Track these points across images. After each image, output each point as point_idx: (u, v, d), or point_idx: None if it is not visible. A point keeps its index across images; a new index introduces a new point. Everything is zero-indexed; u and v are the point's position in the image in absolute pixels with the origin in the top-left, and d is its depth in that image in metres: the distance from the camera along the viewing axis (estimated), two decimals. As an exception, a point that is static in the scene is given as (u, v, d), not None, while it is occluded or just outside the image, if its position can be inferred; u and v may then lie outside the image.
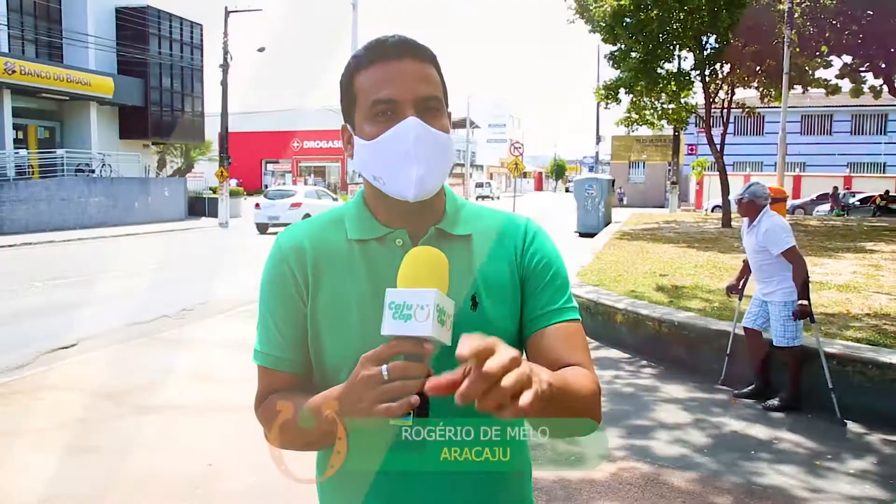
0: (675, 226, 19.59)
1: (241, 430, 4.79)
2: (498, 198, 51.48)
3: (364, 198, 1.24)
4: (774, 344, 5.16)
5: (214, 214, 27.53)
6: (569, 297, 1.25)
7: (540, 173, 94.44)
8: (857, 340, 5.52)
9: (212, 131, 35.00)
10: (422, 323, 0.98)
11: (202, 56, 32.59)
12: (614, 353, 6.80)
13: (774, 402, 5.13)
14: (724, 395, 5.47)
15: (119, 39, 27.85)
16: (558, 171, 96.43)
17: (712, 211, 30.30)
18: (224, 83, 26.89)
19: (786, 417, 4.96)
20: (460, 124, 46.25)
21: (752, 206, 5.27)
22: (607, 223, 21.21)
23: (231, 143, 28.73)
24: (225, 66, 26.55)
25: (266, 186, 55.44)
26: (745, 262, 5.56)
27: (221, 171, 26.31)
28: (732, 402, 5.31)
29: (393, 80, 1.13)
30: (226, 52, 26.47)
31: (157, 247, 18.08)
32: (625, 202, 42.42)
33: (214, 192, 30.85)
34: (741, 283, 5.64)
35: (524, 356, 1.20)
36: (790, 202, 32.82)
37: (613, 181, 24.76)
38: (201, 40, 32.40)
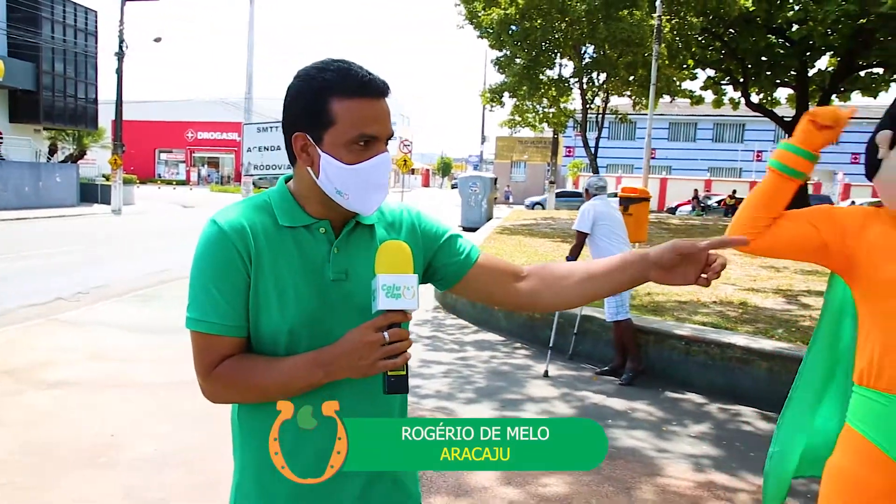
0: (551, 222, 20.52)
1: (139, 404, 4.89)
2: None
3: (290, 191, 1.41)
4: (606, 320, 5.83)
5: (107, 201, 26.84)
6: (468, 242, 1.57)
7: (427, 170, 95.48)
8: (703, 324, 6.20)
9: (105, 119, 34.32)
10: (408, 300, 1.27)
11: (97, 43, 32.06)
12: (492, 337, 7.24)
13: (625, 377, 5.73)
14: (588, 373, 6.00)
15: (9, 22, 26.55)
16: (445, 168, 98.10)
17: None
18: (119, 71, 25.98)
19: (640, 391, 5.52)
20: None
21: (586, 195, 6.09)
22: (489, 218, 21.92)
23: (125, 132, 28.30)
24: (120, 55, 25.70)
25: (159, 176, 53.79)
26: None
27: (115, 159, 25.45)
28: (595, 379, 5.84)
29: (377, 119, 1.33)
30: (121, 41, 25.59)
31: (49, 231, 17.26)
32: (511, 200, 43.59)
33: (107, 179, 29.80)
34: None
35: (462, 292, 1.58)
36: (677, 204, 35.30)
37: (496, 179, 25.56)
38: (96, 27, 31.90)
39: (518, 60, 20.05)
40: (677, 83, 22.51)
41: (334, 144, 1.32)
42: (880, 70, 18.53)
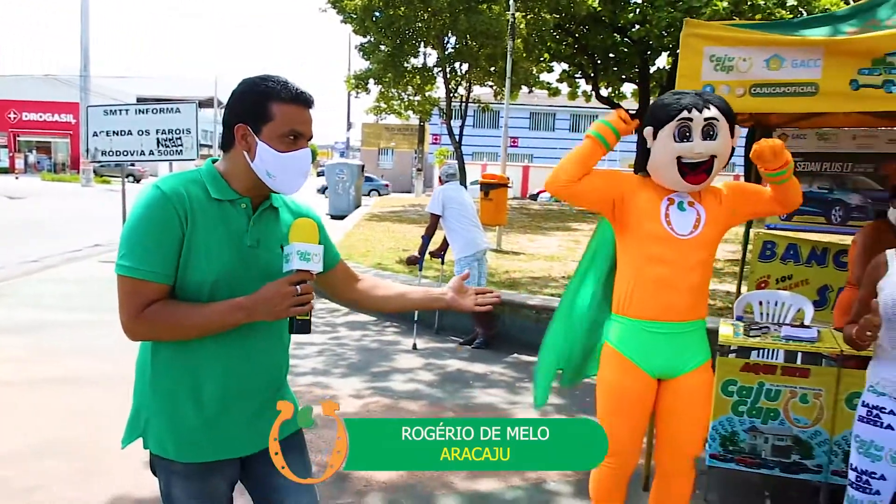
0: (419, 208, 21.14)
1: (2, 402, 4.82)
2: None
3: (219, 171, 1.78)
4: None
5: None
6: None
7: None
8: (553, 295, 6.95)
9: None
10: (315, 263, 1.68)
11: None
12: (362, 317, 7.67)
13: (477, 342, 6.42)
14: (453, 344, 6.59)
15: None
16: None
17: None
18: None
19: (498, 356, 6.16)
20: (207, 104, 44.32)
21: (440, 181, 6.68)
22: (357, 206, 22.18)
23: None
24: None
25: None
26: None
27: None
28: (459, 349, 6.44)
29: (304, 122, 1.75)
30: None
31: None
32: (390, 190, 42.87)
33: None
34: (421, 253, 6.78)
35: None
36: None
37: (363, 167, 25.81)
38: None
39: (383, 48, 20.36)
40: (536, 75, 23.73)
41: (270, 136, 1.72)
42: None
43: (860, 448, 2.50)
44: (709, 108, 2.36)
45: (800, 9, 16.88)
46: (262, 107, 1.71)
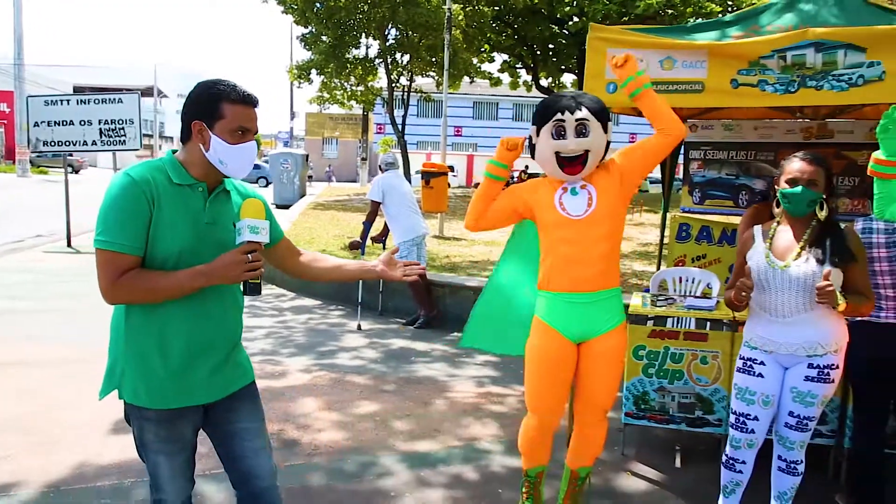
0: (363, 198, 21.37)
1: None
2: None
3: (178, 160, 2.10)
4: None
5: None
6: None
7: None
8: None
9: None
10: (263, 236, 2.02)
11: None
12: (308, 301, 7.97)
13: (419, 322, 6.79)
14: (396, 325, 6.94)
15: None
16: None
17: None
18: None
19: (438, 334, 6.55)
20: (148, 93, 43.33)
21: (380, 170, 6.99)
22: (302, 195, 22.26)
23: None
24: None
25: None
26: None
27: None
28: (402, 329, 6.79)
29: (250, 119, 2.08)
30: None
31: None
32: (334, 181, 42.58)
33: None
34: (363, 238, 7.12)
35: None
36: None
37: (307, 156, 25.84)
38: None
39: (324, 38, 20.47)
40: (477, 65, 24.15)
41: (222, 131, 2.05)
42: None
43: (738, 394, 2.95)
44: (580, 110, 2.73)
45: (728, 2, 17.72)
46: (215, 106, 2.05)
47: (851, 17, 3.67)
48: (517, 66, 24.78)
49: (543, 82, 22.87)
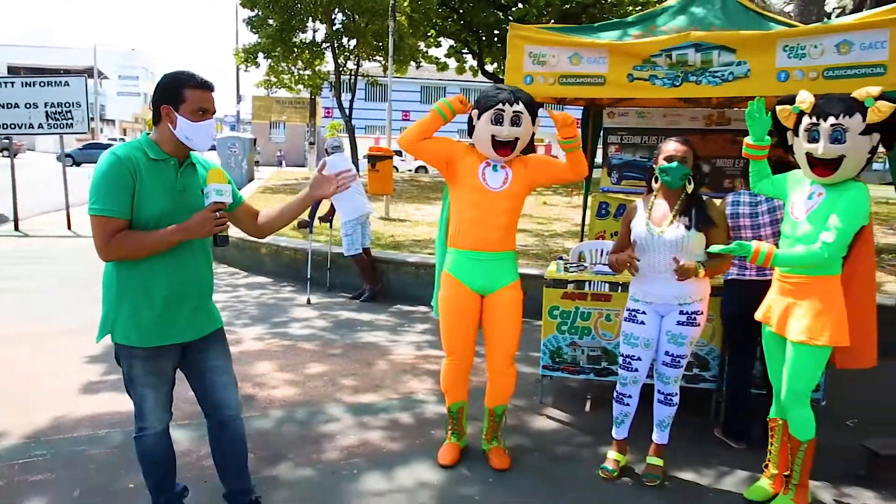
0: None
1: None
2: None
3: (152, 139, 2.55)
4: (345, 255, 7.26)
5: None
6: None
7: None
8: (430, 254, 7.88)
9: None
10: (227, 197, 2.51)
11: None
12: (260, 279, 8.37)
13: (364, 296, 7.29)
14: (343, 299, 7.41)
15: None
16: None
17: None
18: None
19: (382, 307, 7.05)
20: (87, 74, 42.32)
21: (326, 153, 7.43)
22: (251, 179, 22.35)
23: None
24: None
25: None
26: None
27: None
28: (348, 303, 7.27)
29: (208, 101, 2.52)
30: None
31: None
32: (284, 166, 42.30)
33: None
34: (311, 217, 7.55)
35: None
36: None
37: (255, 140, 25.84)
38: None
39: (271, 22, 20.51)
40: (424, 50, 24.47)
41: (185, 112, 2.51)
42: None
43: (625, 340, 3.54)
44: (517, 104, 3.31)
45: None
46: (179, 92, 2.51)
47: (733, 20, 4.29)
48: (463, 51, 25.21)
49: (489, 67, 23.37)
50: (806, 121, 3.02)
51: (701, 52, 3.83)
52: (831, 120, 2.91)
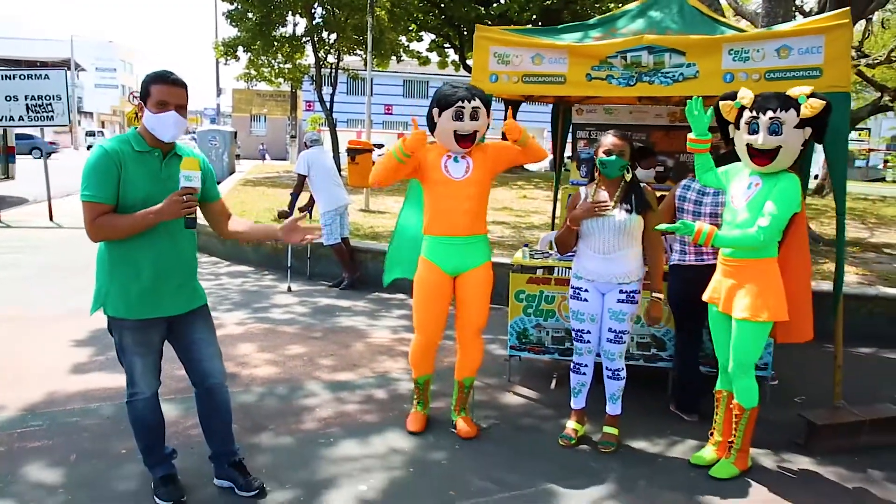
0: (293, 174, 21.74)
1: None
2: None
3: (138, 133, 2.81)
4: (324, 244, 7.51)
5: None
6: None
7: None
8: (408, 244, 8.15)
9: None
10: (196, 183, 2.74)
11: None
12: (242, 268, 8.60)
13: (344, 284, 7.56)
14: (323, 287, 7.67)
15: None
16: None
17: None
18: None
19: (361, 294, 7.32)
20: (63, 66, 41.88)
21: (305, 147, 7.61)
22: (231, 172, 22.47)
23: None
24: None
25: None
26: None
27: None
28: (328, 291, 7.53)
29: (169, 95, 2.77)
30: None
31: None
32: (268, 159, 42.12)
33: None
34: (291, 208, 7.81)
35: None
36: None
37: (236, 133, 25.93)
38: None
39: (251, 15, 20.60)
40: (406, 44, 24.65)
41: (150, 105, 2.78)
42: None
43: (573, 316, 3.84)
44: (474, 100, 3.61)
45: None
46: (147, 89, 2.80)
47: (688, 24, 4.60)
48: (445, 45, 25.44)
49: (470, 62, 23.57)
50: (746, 115, 3.34)
51: (653, 55, 4.14)
52: (770, 114, 3.24)
